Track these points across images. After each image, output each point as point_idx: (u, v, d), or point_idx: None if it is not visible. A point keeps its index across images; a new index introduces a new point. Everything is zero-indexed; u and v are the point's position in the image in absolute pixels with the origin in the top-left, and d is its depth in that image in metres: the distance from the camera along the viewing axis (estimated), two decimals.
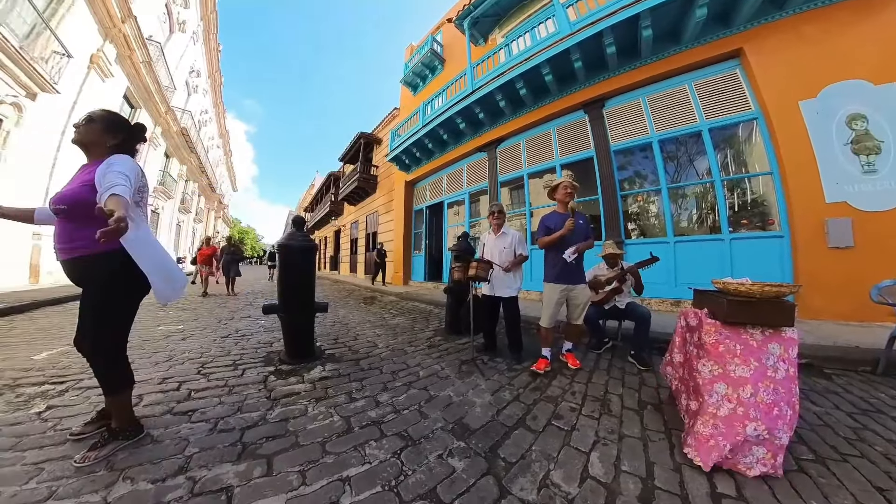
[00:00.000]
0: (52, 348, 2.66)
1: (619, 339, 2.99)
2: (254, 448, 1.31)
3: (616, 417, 1.61)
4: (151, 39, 9.28)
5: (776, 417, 1.17)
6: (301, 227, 2.64)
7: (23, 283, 6.11)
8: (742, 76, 4.04)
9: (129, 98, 9.58)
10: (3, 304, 4.07)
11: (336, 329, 3.75)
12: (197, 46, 14.85)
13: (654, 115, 4.67)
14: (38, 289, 5.81)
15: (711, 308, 1.43)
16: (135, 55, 8.32)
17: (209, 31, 15.85)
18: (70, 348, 2.65)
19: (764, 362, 1.22)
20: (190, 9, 12.75)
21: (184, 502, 1.01)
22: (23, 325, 3.50)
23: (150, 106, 10.63)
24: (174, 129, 12.89)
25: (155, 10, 9.76)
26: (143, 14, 8.30)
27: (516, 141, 6.59)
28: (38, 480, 1.09)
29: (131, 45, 7.98)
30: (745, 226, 4.00)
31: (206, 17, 14.59)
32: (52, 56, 5.83)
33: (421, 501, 1.03)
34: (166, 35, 11.56)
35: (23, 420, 1.50)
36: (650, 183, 4.82)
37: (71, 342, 1.39)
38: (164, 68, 10.61)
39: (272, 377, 2.14)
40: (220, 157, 28.94)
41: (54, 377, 2.04)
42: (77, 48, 6.43)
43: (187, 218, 18.67)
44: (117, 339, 1.29)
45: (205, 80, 17.94)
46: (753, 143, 4.01)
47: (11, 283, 5.79)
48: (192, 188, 18.95)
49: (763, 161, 3.86)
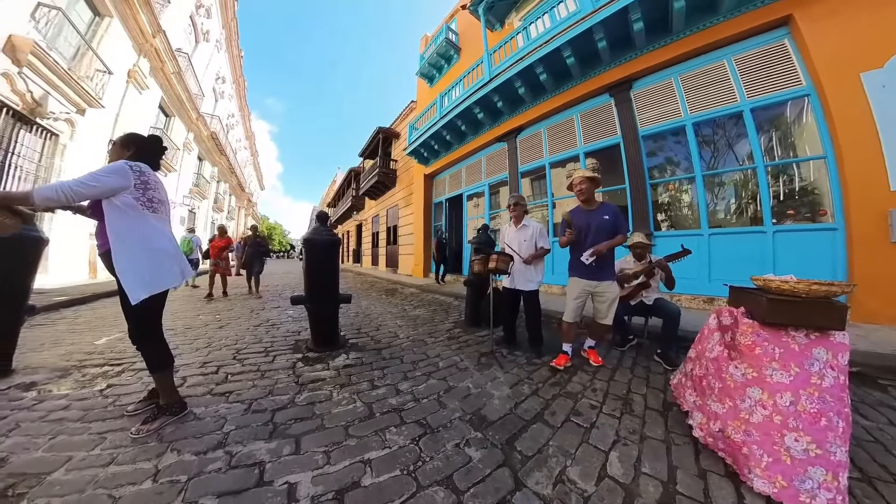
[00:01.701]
0: (110, 335, 2.97)
1: (646, 337, 2.86)
2: (283, 428, 1.41)
3: (638, 418, 1.56)
4: (180, 51, 9.86)
5: (824, 429, 1.06)
6: (325, 222, 2.74)
7: (83, 278, 6.81)
8: (791, 47, 3.62)
9: (164, 107, 10.29)
10: (69, 297, 4.59)
11: (359, 319, 3.88)
12: (221, 54, 15.62)
13: (688, 95, 4.32)
14: (96, 282, 6.46)
15: (749, 307, 1.33)
16: (166, 67, 8.89)
17: (231, 39, 16.61)
18: (125, 334, 2.94)
19: (807, 368, 1.12)
20: (212, 18, 13.38)
21: (222, 473, 1.12)
22: (86, 315, 3.92)
23: (183, 113, 11.38)
24: (205, 133, 13.71)
25: (181, 23, 10.32)
26: (170, 27, 8.82)
27: (537, 129, 6.38)
28: (101, 448, 1.25)
29: (162, 57, 8.54)
30: (791, 217, 3.64)
31: (226, 24, 15.26)
32: (96, 74, 6.39)
33: (437, 487, 1.06)
34: (192, 46, 12.24)
35: (88, 396, 1.71)
36: (683, 170, 4.50)
37: (124, 330, 1.55)
38: (192, 77, 11.26)
39: (300, 364, 2.26)
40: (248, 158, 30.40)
41: (112, 360, 2.28)
42: (116, 65, 6.99)
43: (220, 216, 19.91)
44: (149, 325, 1.44)
45: (230, 86, 18.84)
46: (804, 123, 3.62)
47: (75, 279, 6.48)
48: (223, 188, 20.13)
49: (815, 144, 3.48)
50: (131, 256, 1.32)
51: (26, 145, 5.32)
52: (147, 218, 1.38)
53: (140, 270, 1.32)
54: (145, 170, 1.41)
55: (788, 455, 1.08)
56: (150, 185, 1.40)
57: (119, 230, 1.31)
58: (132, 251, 1.33)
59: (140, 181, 1.36)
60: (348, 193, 18.66)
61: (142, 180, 1.37)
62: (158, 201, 1.44)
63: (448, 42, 9.03)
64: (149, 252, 1.37)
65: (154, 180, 1.44)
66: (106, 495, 1.00)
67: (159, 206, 1.44)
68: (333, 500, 1.00)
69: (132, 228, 1.33)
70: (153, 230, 1.40)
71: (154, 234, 1.40)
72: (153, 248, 1.38)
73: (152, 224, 1.40)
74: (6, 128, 4.93)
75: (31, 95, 5.05)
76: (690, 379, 1.54)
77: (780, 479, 1.06)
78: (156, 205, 1.42)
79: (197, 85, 11.94)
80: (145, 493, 1.01)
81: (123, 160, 1.37)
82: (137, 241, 1.34)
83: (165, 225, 1.48)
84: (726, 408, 1.25)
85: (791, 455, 1.07)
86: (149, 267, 1.35)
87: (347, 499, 1.01)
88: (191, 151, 13.19)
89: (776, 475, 1.07)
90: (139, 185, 1.36)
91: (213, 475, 1.10)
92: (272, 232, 62.06)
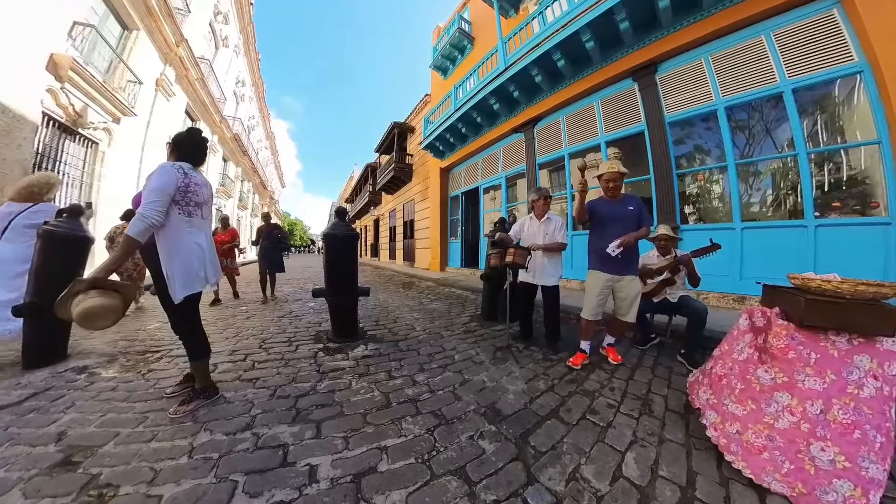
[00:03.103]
0: (150, 324, 3.20)
1: (669, 336, 2.74)
2: (306, 413, 1.49)
3: (658, 419, 1.51)
4: (202, 58, 10.34)
5: (857, 442, 0.99)
6: (343, 218, 2.82)
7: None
8: (841, 17, 3.26)
9: (190, 112, 10.87)
10: None
11: (377, 312, 3.98)
12: (240, 58, 16.24)
13: (720, 76, 4.02)
14: None
15: (784, 307, 1.24)
16: (190, 74, 9.37)
17: (248, 43, 17.22)
18: (163, 324, 3.17)
19: (844, 376, 1.04)
20: (230, 24, 13.89)
21: (250, 453, 1.20)
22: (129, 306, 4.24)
23: (207, 117, 11.97)
24: (228, 135, 14.40)
25: (201, 31, 10.80)
26: (192, 36, 9.26)
27: (555, 118, 6.17)
28: (144, 426, 1.38)
29: (186, 65, 9.00)
30: (837, 209, 3.32)
31: (244, 29, 15.81)
32: (127, 85, 6.87)
33: (451, 476, 1.09)
34: (213, 52, 12.77)
35: (132, 379, 1.87)
36: (714, 159, 4.22)
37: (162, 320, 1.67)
38: (214, 82, 11.81)
39: (321, 353, 2.36)
40: (269, 157, 31.52)
41: (152, 347, 2.47)
42: (145, 75, 7.46)
43: (245, 213, 20.95)
44: (187, 320, 1.54)
45: (249, 89, 19.56)
46: (855, 104, 3.28)
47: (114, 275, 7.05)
48: (247, 187, 21.09)
49: (868, 127, 3.15)
50: (170, 260, 1.40)
51: (71, 154, 5.81)
52: (182, 223, 1.43)
53: (178, 273, 1.41)
54: (188, 171, 1.47)
55: (813, 465, 1.02)
56: (190, 189, 1.45)
57: (161, 235, 1.39)
58: (170, 254, 1.40)
59: (183, 183, 1.41)
60: (365, 189, 18.95)
61: (184, 183, 1.42)
62: (195, 205, 1.48)
63: (461, 32, 8.86)
64: (183, 256, 1.43)
65: (196, 182, 1.49)
66: (148, 468, 1.10)
67: (195, 210, 1.49)
68: (351, 482, 1.05)
69: (170, 234, 1.40)
70: (186, 236, 1.45)
71: (186, 241, 1.45)
72: (186, 253, 1.44)
73: (185, 230, 1.45)
74: (53, 138, 5.40)
75: (73, 108, 5.47)
76: (708, 376, 1.47)
77: (801, 486, 1.02)
78: (192, 208, 1.47)
79: (219, 89, 12.49)
80: (182, 468, 1.11)
81: (169, 163, 1.46)
82: (174, 246, 1.41)
83: (201, 228, 1.53)
84: (747, 410, 1.19)
85: (815, 465, 1.01)
86: (185, 270, 1.43)
87: (364, 482, 1.05)
88: (216, 153, 13.85)
89: (796, 482, 1.02)
90: (182, 187, 1.41)
91: (242, 454, 1.18)
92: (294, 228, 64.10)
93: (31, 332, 2.05)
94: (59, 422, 1.39)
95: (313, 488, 1.02)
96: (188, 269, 1.44)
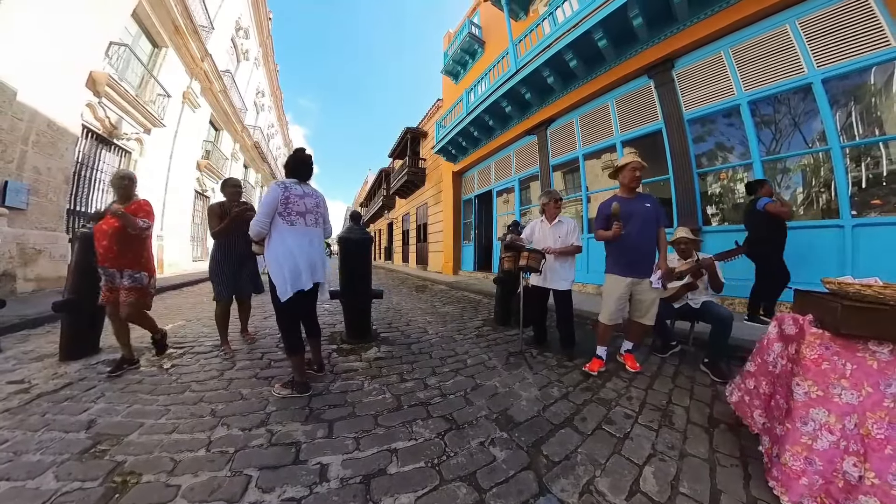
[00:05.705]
0: (175, 322, 3.35)
1: (691, 344, 2.61)
2: (318, 413, 1.51)
3: (679, 432, 1.43)
4: (225, 71, 10.95)
5: (888, 458, 0.91)
6: (358, 221, 2.87)
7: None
8: (875, 0, 3.07)
9: (214, 122, 11.51)
10: None
11: (390, 315, 4.01)
12: (259, 70, 17.01)
13: (742, 69, 3.84)
14: (162, 277, 7.34)
15: (818, 314, 1.14)
16: (214, 86, 9.99)
17: (267, 56, 18.09)
18: (187, 322, 3.31)
19: (882, 389, 0.96)
20: (250, 38, 14.64)
21: (264, 449, 1.23)
22: (155, 305, 4.42)
23: (229, 127, 12.62)
24: (249, 143, 15.10)
25: (224, 45, 11.46)
26: (215, 51, 9.88)
27: (569, 119, 6.08)
28: (166, 418, 1.45)
29: (210, 78, 9.61)
30: (877, 207, 3.09)
31: (263, 43, 16.59)
32: (157, 98, 7.39)
33: (460, 483, 1.07)
34: (235, 65, 13.47)
35: (156, 373, 1.97)
36: (737, 156, 4.03)
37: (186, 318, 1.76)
38: (236, 93, 12.46)
39: (335, 354, 2.40)
40: None
41: (175, 344, 2.59)
42: (173, 88, 7.98)
43: None
44: (281, 318, 1.69)
45: (268, 98, 20.46)
46: (894, 93, 3.06)
47: None
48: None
49: None
50: (269, 264, 1.64)
51: (107, 163, 6.30)
52: (285, 231, 1.63)
53: (275, 276, 1.60)
54: (290, 185, 1.69)
55: (843, 479, 0.95)
56: (290, 200, 1.65)
57: (267, 242, 1.66)
58: (269, 260, 1.63)
59: (283, 197, 1.63)
60: (379, 193, 19.26)
61: (285, 196, 1.64)
62: (297, 214, 1.67)
63: (471, 36, 8.91)
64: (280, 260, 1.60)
65: (298, 193, 1.70)
66: (168, 458, 1.16)
67: (297, 219, 1.67)
68: (361, 483, 1.05)
69: (275, 240, 1.63)
70: (286, 243, 1.63)
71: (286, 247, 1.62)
72: (283, 257, 1.61)
73: (288, 237, 1.63)
74: (91, 149, 5.89)
75: (109, 121, 5.96)
76: (758, 398, 1.36)
77: (823, 496, 0.96)
78: (294, 217, 1.66)
79: (240, 100, 13.14)
80: (200, 460, 1.15)
81: (274, 185, 1.67)
82: (272, 252, 1.62)
83: (304, 236, 1.69)
84: (785, 430, 1.10)
85: (845, 479, 0.94)
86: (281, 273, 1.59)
87: (374, 484, 1.05)
88: (237, 160, 14.50)
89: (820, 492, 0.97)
90: (283, 200, 1.63)
91: (256, 450, 1.21)
92: None
93: (68, 326, 2.20)
94: (89, 410, 1.49)
95: (324, 487, 1.03)
96: (287, 272, 1.60)
